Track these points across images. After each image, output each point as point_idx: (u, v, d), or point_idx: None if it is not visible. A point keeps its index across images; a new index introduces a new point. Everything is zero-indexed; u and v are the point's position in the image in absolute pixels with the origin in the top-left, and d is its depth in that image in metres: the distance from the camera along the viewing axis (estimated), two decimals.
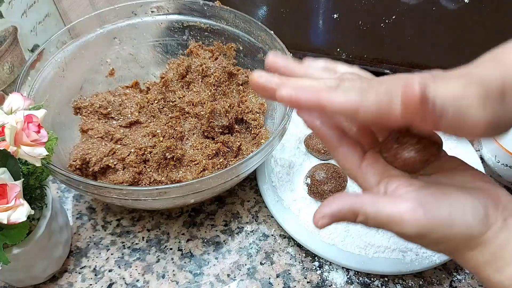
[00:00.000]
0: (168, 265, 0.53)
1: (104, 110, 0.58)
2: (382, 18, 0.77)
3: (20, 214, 0.38)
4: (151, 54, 0.68)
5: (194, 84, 0.62)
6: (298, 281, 0.52)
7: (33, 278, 0.50)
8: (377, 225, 0.32)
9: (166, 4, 0.65)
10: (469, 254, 0.32)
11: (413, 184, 0.33)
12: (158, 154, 0.53)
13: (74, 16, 0.72)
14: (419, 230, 0.31)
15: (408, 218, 0.30)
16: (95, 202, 0.59)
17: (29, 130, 0.40)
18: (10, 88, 0.63)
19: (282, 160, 0.59)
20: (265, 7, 0.81)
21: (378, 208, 0.32)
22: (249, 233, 0.57)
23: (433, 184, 0.33)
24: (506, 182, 0.62)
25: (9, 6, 0.60)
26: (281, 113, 0.58)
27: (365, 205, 0.32)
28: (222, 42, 0.66)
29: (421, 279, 0.53)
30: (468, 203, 0.32)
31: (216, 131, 0.58)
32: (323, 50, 0.75)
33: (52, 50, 0.58)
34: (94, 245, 0.55)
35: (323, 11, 0.81)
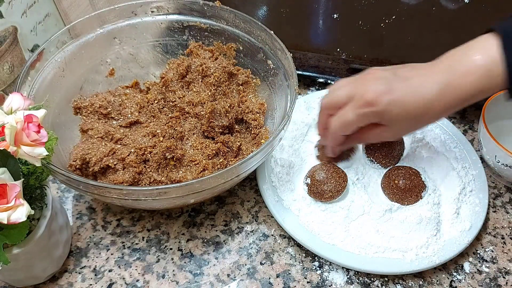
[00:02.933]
0: (168, 265, 0.53)
1: (104, 110, 0.58)
2: (382, 18, 0.77)
3: (20, 214, 0.38)
4: (151, 54, 0.68)
5: (194, 84, 0.62)
6: (298, 281, 0.52)
7: (33, 278, 0.50)
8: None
9: (166, 4, 0.65)
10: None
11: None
12: (158, 154, 0.53)
13: (74, 16, 0.72)
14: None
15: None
16: (95, 202, 0.59)
17: (29, 130, 0.40)
18: (10, 88, 0.63)
19: (282, 160, 0.59)
20: (265, 7, 0.81)
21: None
22: (249, 233, 0.57)
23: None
24: (506, 182, 0.62)
25: (9, 6, 0.60)
26: (281, 113, 0.58)
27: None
28: (222, 42, 0.66)
29: (421, 279, 0.53)
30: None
31: (216, 131, 0.58)
32: (323, 50, 0.75)
33: (52, 50, 0.58)
34: (94, 245, 0.55)
35: (323, 11, 0.81)
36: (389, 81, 0.47)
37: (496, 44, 0.44)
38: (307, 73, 0.73)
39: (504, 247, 0.56)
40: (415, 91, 0.46)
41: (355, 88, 0.48)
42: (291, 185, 0.58)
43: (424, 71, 0.47)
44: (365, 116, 0.47)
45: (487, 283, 0.53)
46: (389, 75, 0.48)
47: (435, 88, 0.46)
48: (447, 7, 0.80)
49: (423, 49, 0.76)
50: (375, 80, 0.47)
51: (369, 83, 0.47)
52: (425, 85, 0.46)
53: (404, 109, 0.46)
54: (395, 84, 0.47)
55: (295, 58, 0.69)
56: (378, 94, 0.46)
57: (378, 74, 0.48)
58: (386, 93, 0.46)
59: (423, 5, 0.80)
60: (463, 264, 0.54)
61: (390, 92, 0.46)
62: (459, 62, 0.46)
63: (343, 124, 0.49)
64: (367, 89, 0.47)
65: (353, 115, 0.48)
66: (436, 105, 0.46)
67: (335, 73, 0.72)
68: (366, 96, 0.46)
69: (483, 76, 0.44)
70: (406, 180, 0.56)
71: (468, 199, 0.57)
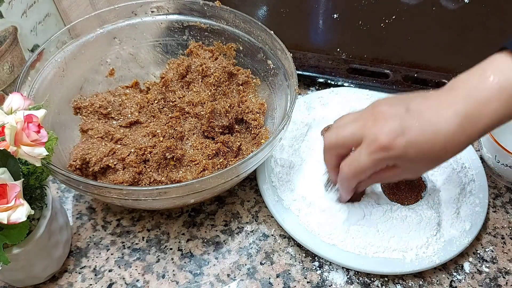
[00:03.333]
0: (168, 265, 0.53)
1: (104, 110, 0.58)
2: (382, 18, 0.77)
3: (20, 214, 0.38)
4: (151, 54, 0.68)
5: (194, 84, 0.62)
6: (298, 281, 0.52)
7: (33, 278, 0.50)
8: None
9: (166, 4, 0.65)
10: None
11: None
12: (158, 154, 0.53)
13: (74, 16, 0.72)
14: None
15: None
16: (95, 202, 0.59)
17: (29, 130, 0.40)
18: (10, 88, 0.63)
19: (282, 160, 0.59)
20: (265, 7, 0.81)
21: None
22: (249, 233, 0.57)
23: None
24: (506, 182, 0.62)
25: (9, 6, 0.60)
26: (281, 113, 0.58)
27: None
28: (222, 42, 0.66)
29: (421, 279, 0.53)
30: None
31: (216, 131, 0.58)
32: (323, 50, 0.75)
33: (52, 50, 0.58)
34: (94, 245, 0.55)
35: (323, 11, 0.81)
36: (402, 120, 0.42)
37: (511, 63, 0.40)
38: (307, 73, 0.73)
39: (504, 247, 0.56)
40: (432, 128, 0.41)
41: (364, 129, 0.44)
42: (291, 185, 0.58)
43: (439, 102, 0.42)
44: (380, 161, 0.44)
45: (487, 283, 0.53)
46: (401, 111, 0.43)
47: (453, 122, 0.41)
48: (447, 7, 0.80)
49: (423, 49, 0.76)
50: (386, 119, 0.43)
51: (380, 124, 0.43)
52: (441, 119, 0.41)
53: (422, 150, 0.42)
54: (409, 122, 0.42)
55: (295, 58, 0.69)
56: (392, 137, 0.42)
57: (389, 112, 0.44)
58: (401, 135, 0.42)
59: (423, 5, 0.80)
60: (463, 264, 0.54)
61: (404, 133, 0.42)
62: (476, 88, 0.41)
63: (357, 170, 0.45)
64: (379, 132, 0.43)
65: (367, 160, 0.44)
66: (456, 140, 0.42)
67: (335, 73, 0.72)
68: (380, 140, 0.42)
69: (504, 102, 0.40)
70: (406, 180, 0.56)
71: (468, 199, 0.57)
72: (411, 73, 0.71)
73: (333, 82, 0.72)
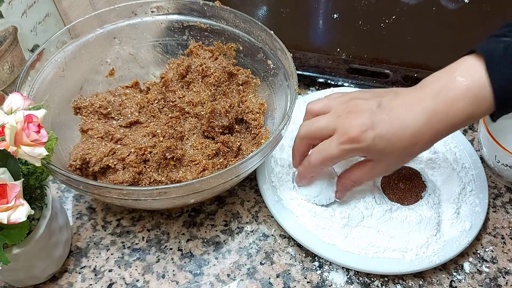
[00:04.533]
0: (168, 265, 0.53)
1: (104, 110, 0.58)
2: (382, 18, 0.77)
3: (20, 214, 0.38)
4: (151, 54, 0.68)
5: (194, 84, 0.62)
6: (298, 281, 0.52)
7: (33, 278, 0.50)
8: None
9: (166, 4, 0.65)
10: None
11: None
12: (158, 154, 0.53)
13: (74, 16, 0.72)
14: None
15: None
16: (95, 202, 0.59)
17: (29, 130, 0.40)
18: (10, 88, 0.63)
19: (282, 160, 0.59)
20: (265, 7, 0.81)
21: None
22: (249, 233, 0.57)
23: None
24: (506, 182, 0.62)
25: (9, 6, 0.60)
26: (281, 113, 0.58)
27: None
28: (222, 42, 0.66)
29: (421, 279, 0.53)
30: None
31: (216, 131, 0.58)
32: (323, 50, 0.75)
33: (52, 50, 0.58)
34: (94, 245, 0.55)
35: (323, 11, 0.81)
36: (373, 114, 0.45)
37: (480, 67, 0.42)
38: (307, 73, 0.73)
39: (504, 247, 0.56)
40: (401, 123, 0.44)
41: (337, 121, 0.47)
42: (291, 185, 0.58)
43: (409, 99, 0.45)
44: (349, 151, 0.46)
45: (487, 283, 0.53)
46: (373, 106, 0.46)
47: (421, 118, 0.44)
48: (447, 7, 0.80)
49: (423, 49, 0.76)
50: (358, 113, 0.46)
51: (352, 117, 0.46)
52: (410, 115, 0.44)
53: (390, 142, 0.45)
54: (379, 117, 0.45)
55: (295, 58, 0.69)
56: (362, 130, 0.45)
57: (362, 106, 0.46)
58: (370, 128, 0.45)
59: (423, 5, 0.80)
60: (463, 264, 0.54)
61: (373, 126, 0.45)
62: (445, 88, 0.44)
63: (325, 158, 0.48)
64: (350, 125, 0.46)
65: (336, 150, 0.47)
66: (424, 134, 0.44)
67: (335, 73, 0.72)
68: (350, 133, 0.45)
69: (471, 102, 0.43)
70: (406, 180, 0.56)
71: (468, 199, 0.57)
72: (411, 73, 0.71)
73: (333, 82, 0.72)
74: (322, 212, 0.55)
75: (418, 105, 0.44)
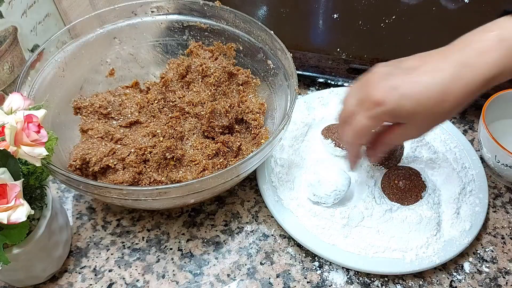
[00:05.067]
0: (168, 265, 0.53)
1: (104, 110, 0.58)
2: (382, 18, 0.77)
3: (20, 214, 0.38)
4: (151, 54, 0.68)
5: (194, 84, 0.62)
6: (298, 281, 0.52)
7: (33, 278, 0.50)
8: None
9: (166, 4, 0.65)
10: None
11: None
12: (158, 154, 0.53)
13: (74, 16, 0.72)
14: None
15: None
16: (95, 202, 0.59)
17: (29, 130, 0.40)
18: (10, 88, 0.63)
19: (282, 160, 0.59)
20: (265, 7, 0.81)
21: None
22: (249, 233, 0.57)
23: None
24: (506, 182, 0.62)
25: (9, 6, 0.60)
26: (281, 113, 0.58)
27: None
28: (222, 42, 0.66)
29: (421, 279, 0.53)
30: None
31: (216, 131, 0.58)
32: (323, 50, 0.75)
33: (52, 50, 0.58)
34: (94, 245, 0.55)
35: (323, 11, 0.81)
36: (395, 76, 0.43)
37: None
38: (307, 73, 0.73)
39: (504, 247, 0.56)
40: (426, 79, 0.41)
41: (361, 92, 0.45)
42: (291, 185, 0.58)
43: (434, 57, 0.43)
44: (377, 117, 0.44)
45: (487, 283, 0.53)
46: (393, 69, 0.44)
47: (448, 71, 0.41)
48: (447, 7, 0.80)
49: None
50: (379, 78, 0.44)
51: (373, 83, 0.44)
52: (436, 70, 0.41)
53: (417, 101, 0.41)
54: (401, 77, 0.42)
55: (295, 58, 0.69)
56: (384, 91, 0.42)
57: (381, 71, 0.44)
58: (393, 89, 0.42)
59: (423, 5, 0.80)
60: (463, 264, 0.54)
61: (397, 87, 0.42)
62: (475, 41, 0.41)
63: (357, 131, 0.46)
64: (372, 90, 0.43)
65: (364, 119, 0.44)
66: (453, 89, 0.41)
67: (335, 73, 0.72)
68: (373, 97, 0.43)
69: (503, 54, 0.40)
70: (406, 180, 0.56)
71: (468, 199, 0.57)
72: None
73: (333, 82, 0.72)
74: (322, 212, 0.55)
75: (444, 60, 0.42)
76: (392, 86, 0.42)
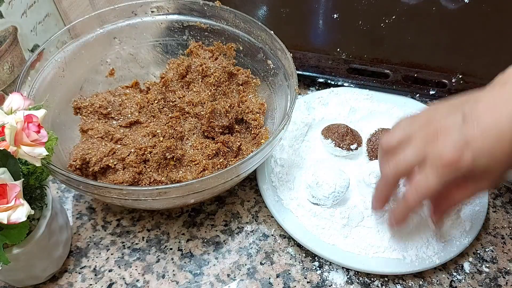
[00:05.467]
0: (168, 265, 0.53)
1: (104, 110, 0.58)
2: (382, 18, 0.77)
3: (20, 214, 0.38)
4: (151, 54, 0.68)
5: (194, 84, 0.62)
6: (298, 281, 0.52)
7: (33, 278, 0.50)
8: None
9: (166, 4, 0.65)
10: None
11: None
12: (158, 154, 0.53)
13: (74, 16, 0.72)
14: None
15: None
16: (95, 202, 0.59)
17: (29, 130, 0.40)
18: (10, 88, 0.63)
19: (282, 160, 0.59)
20: (265, 7, 0.81)
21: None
22: (249, 233, 0.57)
23: None
24: (506, 182, 0.62)
25: (9, 6, 0.60)
26: (281, 113, 0.58)
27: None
28: (222, 42, 0.66)
29: (421, 279, 0.53)
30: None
31: (216, 131, 0.58)
32: (323, 50, 0.75)
33: (52, 50, 0.58)
34: (94, 245, 0.55)
35: (323, 11, 0.81)
36: (462, 130, 0.40)
37: None
38: (307, 73, 0.73)
39: (504, 247, 0.56)
40: (495, 131, 0.39)
41: (425, 149, 0.42)
42: (291, 185, 0.58)
43: (493, 101, 0.40)
44: (449, 178, 0.41)
45: (487, 283, 0.53)
46: (458, 121, 0.41)
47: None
48: (447, 7, 0.80)
49: (423, 49, 0.76)
50: (446, 134, 0.41)
51: (441, 140, 0.41)
52: (502, 119, 0.39)
53: (492, 156, 0.39)
54: (470, 132, 0.40)
55: (295, 58, 0.69)
56: (457, 152, 0.40)
57: (446, 124, 0.42)
58: (466, 147, 0.40)
59: (423, 5, 0.80)
60: (463, 264, 0.54)
61: (468, 144, 0.40)
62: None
63: (425, 192, 0.43)
64: (443, 149, 0.41)
65: (436, 180, 0.41)
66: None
67: (335, 73, 0.72)
68: (445, 158, 0.40)
69: None
70: None
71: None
72: (411, 73, 0.71)
73: (333, 82, 0.72)
74: (322, 212, 0.55)
75: (507, 106, 0.39)
76: (463, 144, 0.40)
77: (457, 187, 0.44)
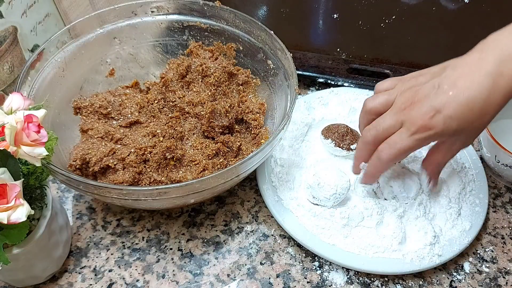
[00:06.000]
0: (168, 265, 0.53)
1: (104, 110, 0.58)
2: (382, 18, 0.77)
3: (20, 214, 0.38)
4: (151, 54, 0.68)
5: (194, 84, 0.62)
6: (298, 281, 0.52)
7: (33, 278, 0.50)
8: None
9: (166, 4, 0.65)
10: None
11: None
12: (158, 154, 0.53)
13: (74, 16, 0.72)
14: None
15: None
16: (95, 202, 0.59)
17: (29, 130, 0.40)
18: (10, 88, 0.63)
19: (282, 160, 0.59)
20: (265, 7, 0.81)
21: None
22: (249, 233, 0.57)
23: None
24: (506, 182, 0.62)
25: (9, 6, 0.60)
26: (281, 113, 0.58)
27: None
28: (222, 42, 0.66)
29: (421, 279, 0.53)
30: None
31: (216, 131, 0.58)
32: (323, 50, 0.75)
33: (52, 50, 0.58)
34: (94, 245, 0.55)
35: (323, 11, 0.81)
36: (436, 96, 0.44)
37: None
38: (307, 73, 0.73)
39: (504, 247, 0.56)
40: (466, 97, 0.42)
41: (402, 115, 0.46)
42: (291, 185, 0.58)
43: (468, 68, 0.43)
44: (423, 140, 0.45)
45: (487, 283, 0.53)
46: (433, 88, 0.44)
47: (486, 85, 0.41)
48: (447, 7, 0.80)
49: (423, 49, 0.76)
50: (422, 100, 0.45)
51: (417, 106, 0.45)
52: (474, 85, 0.42)
53: (462, 120, 0.43)
54: (443, 97, 0.43)
55: (295, 58, 0.69)
56: (430, 116, 0.43)
57: (422, 92, 0.45)
58: (437, 112, 0.43)
59: (423, 5, 0.80)
60: (463, 264, 0.54)
61: (440, 109, 0.43)
62: (507, 45, 0.41)
63: (399, 151, 0.46)
64: (417, 114, 0.44)
65: (410, 141, 0.45)
66: (493, 101, 0.42)
67: (335, 73, 0.72)
68: (419, 122, 0.44)
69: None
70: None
71: (468, 199, 0.57)
72: None
73: (333, 82, 0.72)
74: (322, 212, 0.55)
75: (480, 72, 0.42)
76: (436, 108, 0.43)
77: (434, 150, 0.50)
